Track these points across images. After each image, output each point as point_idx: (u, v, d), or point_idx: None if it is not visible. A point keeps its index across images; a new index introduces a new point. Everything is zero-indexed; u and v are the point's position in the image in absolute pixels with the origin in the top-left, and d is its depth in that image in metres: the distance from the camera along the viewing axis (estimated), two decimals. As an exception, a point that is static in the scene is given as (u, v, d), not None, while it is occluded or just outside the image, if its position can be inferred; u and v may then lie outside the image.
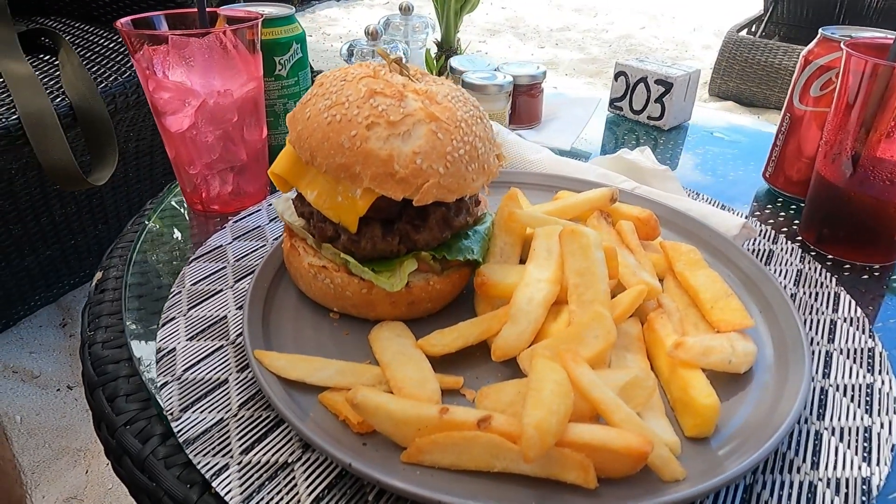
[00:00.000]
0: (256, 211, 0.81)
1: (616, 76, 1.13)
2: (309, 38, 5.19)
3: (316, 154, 0.51)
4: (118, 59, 1.52)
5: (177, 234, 0.78)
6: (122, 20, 0.71)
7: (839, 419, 0.51)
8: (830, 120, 0.72)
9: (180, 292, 0.65)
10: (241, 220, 0.78)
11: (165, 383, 0.53)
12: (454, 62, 1.03)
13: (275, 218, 0.79)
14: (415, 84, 0.54)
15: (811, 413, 0.51)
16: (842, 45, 0.68)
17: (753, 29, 4.48)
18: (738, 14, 5.81)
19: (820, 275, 0.69)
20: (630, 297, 0.53)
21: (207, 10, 0.76)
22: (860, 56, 0.65)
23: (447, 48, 4.02)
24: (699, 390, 0.47)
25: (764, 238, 0.77)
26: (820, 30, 0.80)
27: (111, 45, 1.58)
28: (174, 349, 0.57)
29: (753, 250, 0.74)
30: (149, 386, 0.54)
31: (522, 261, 0.63)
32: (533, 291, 0.53)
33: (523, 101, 1.01)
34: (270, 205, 0.82)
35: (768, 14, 4.44)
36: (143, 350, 0.58)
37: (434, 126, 0.51)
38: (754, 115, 4.02)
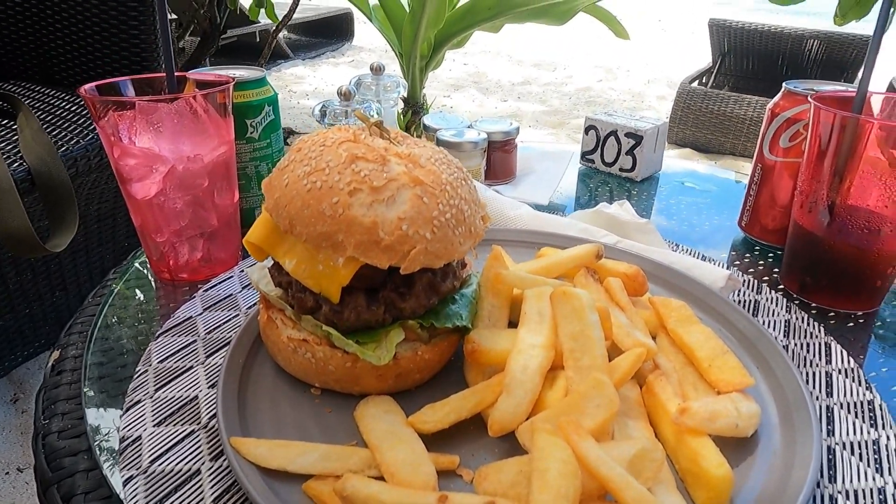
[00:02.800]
0: (228, 278, 0.77)
1: (586, 130, 1.15)
2: (275, 95, 5.25)
3: (295, 222, 0.49)
4: (80, 121, 1.48)
5: (142, 306, 0.74)
6: (87, 87, 0.68)
7: (851, 481, 0.49)
8: (804, 170, 0.73)
9: (146, 371, 0.60)
10: (211, 288, 0.74)
11: (130, 478, 0.48)
12: (427, 120, 1.03)
13: (248, 285, 0.75)
14: (397, 147, 0.52)
15: (822, 475, 0.49)
16: (809, 98, 0.70)
17: (704, 80, 4.71)
18: (688, 66, 6.12)
19: (808, 325, 0.69)
20: (629, 361, 0.51)
21: (176, 73, 0.75)
22: (828, 109, 0.67)
23: (413, 104, 4.08)
24: (710, 460, 0.44)
25: (748, 288, 0.76)
26: (784, 84, 0.82)
27: (73, 108, 1.54)
28: (140, 437, 0.52)
29: (739, 301, 0.74)
30: (111, 481, 0.49)
31: (511, 322, 0.61)
32: (527, 358, 0.51)
33: (498, 157, 1.01)
34: (243, 271, 0.78)
35: (717, 66, 4.69)
36: (104, 440, 0.53)
37: (419, 190, 0.49)
38: (712, 160, 4.17)
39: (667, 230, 0.95)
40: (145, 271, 0.80)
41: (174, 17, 4.18)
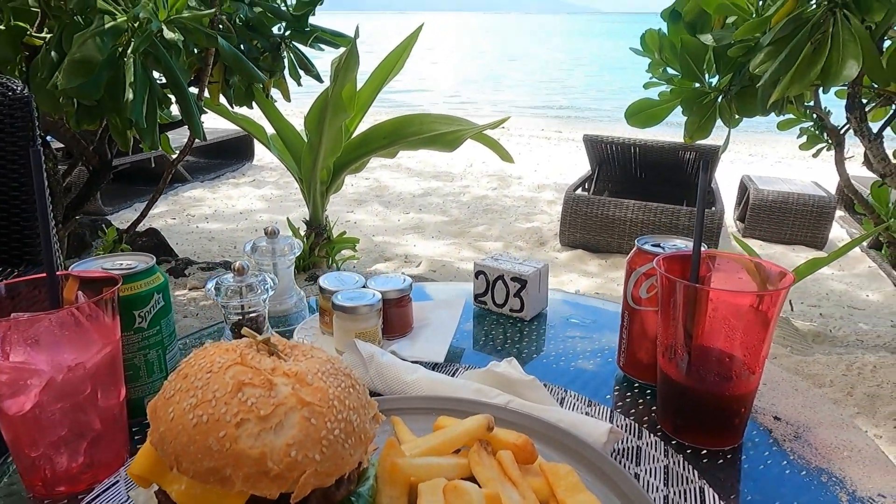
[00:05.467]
0: (114, 483, 0.72)
1: (476, 275, 1.23)
2: (172, 220, 5.12)
3: (181, 459, 0.49)
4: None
5: (12, 532, 0.67)
6: (-45, 303, 0.66)
7: None
8: (660, 323, 0.82)
9: None
10: (94, 500, 0.70)
11: None
12: (323, 282, 1.07)
13: (134, 486, 0.71)
14: (284, 364, 0.54)
15: None
16: (654, 264, 0.81)
17: (587, 186, 5.17)
18: (572, 174, 6.70)
19: (685, 469, 0.75)
20: (519, 555, 0.53)
21: (58, 272, 0.74)
22: (670, 277, 0.77)
23: (316, 226, 4.13)
24: None
25: (630, 434, 0.83)
26: (636, 241, 0.94)
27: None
28: None
29: (623, 449, 0.79)
30: None
31: (411, 507, 0.62)
32: (424, 564, 0.52)
33: (394, 313, 1.06)
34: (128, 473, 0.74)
35: (595, 174, 5.18)
36: None
37: (306, 412, 0.51)
38: (603, 258, 4.49)
39: (556, 371, 1.01)
40: (16, 486, 0.74)
41: (61, 146, 4.07)
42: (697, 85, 2.73)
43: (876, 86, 2.59)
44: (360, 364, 0.92)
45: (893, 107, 2.67)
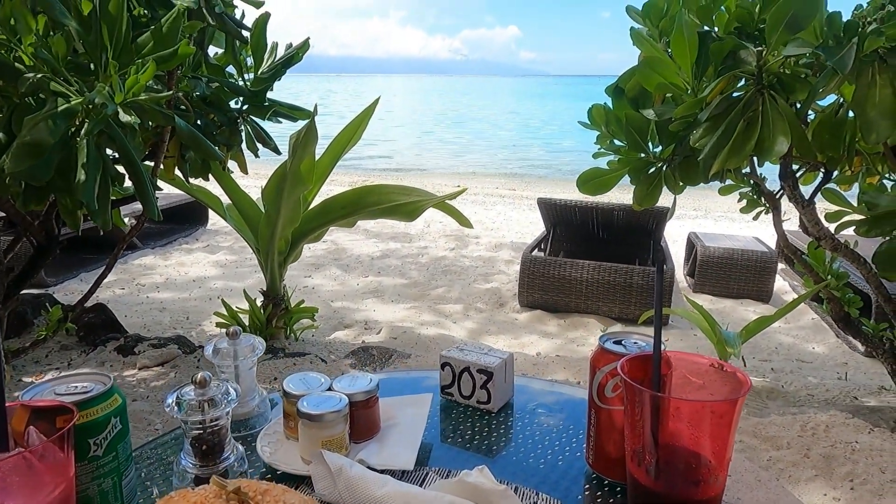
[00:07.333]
0: None
1: (442, 366, 1.23)
2: (121, 290, 4.94)
3: None
4: None
5: None
6: None
7: None
8: (626, 426, 0.84)
9: None
10: None
11: None
12: (288, 386, 1.04)
13: None
14: (255, 516, 0.53)
15: None
16: (618, 369, 0.83)
17: (543, 247, 5.28)
18: (528, 232, 6.84)
19: (659, 580, 0.75)
20: None
21: (7, 404, 0.70)
22: (632, 384, 0.79)
23: (273, 296, 4.05)
24: None
25: (603, 542, 0.82)
26: (598, 339, 0.96)
27: None
28: None
29: (598, 560, 0.79)
30: None
31: None
32: None
33: (361, 416, 1.04)
34: None
35: (550, 235, 5.31)
36: None
37: (280, 572, 0.49)
38: (561, 318, 4.54)
39: (527, 470, 1.01)
40: None
41: (2, 215, 3.90)
42: (643, 155, 2.88)
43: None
44: (327, 476, 0.89)
45: (821, 174, 2.87)
